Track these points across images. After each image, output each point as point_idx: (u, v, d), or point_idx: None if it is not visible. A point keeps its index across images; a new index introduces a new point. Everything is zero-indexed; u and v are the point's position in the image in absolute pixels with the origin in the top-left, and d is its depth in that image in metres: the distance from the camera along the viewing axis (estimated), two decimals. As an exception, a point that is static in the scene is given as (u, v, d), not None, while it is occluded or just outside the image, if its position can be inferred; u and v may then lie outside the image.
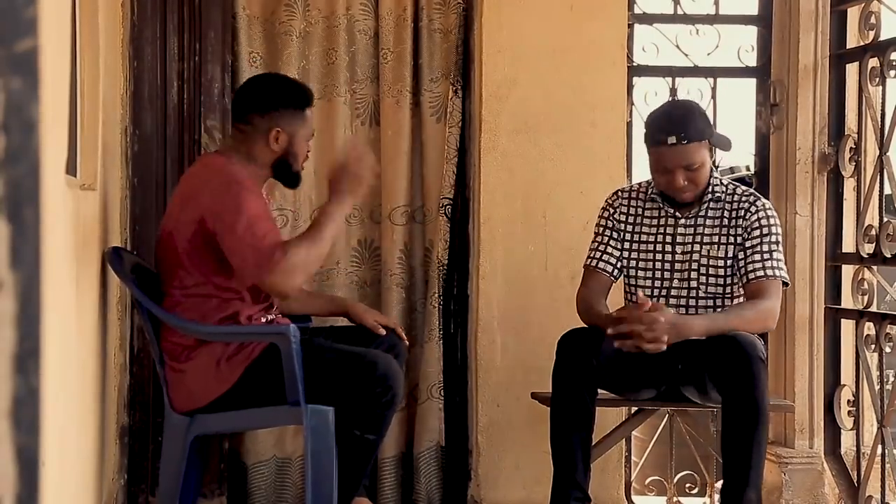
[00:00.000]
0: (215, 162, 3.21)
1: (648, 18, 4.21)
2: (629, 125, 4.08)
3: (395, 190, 3.99)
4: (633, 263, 3.46)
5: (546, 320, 3.84)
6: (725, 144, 3.50)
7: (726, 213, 3.40)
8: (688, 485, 4.18)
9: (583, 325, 3.37)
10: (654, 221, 3.47)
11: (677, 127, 3.29)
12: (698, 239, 3.41)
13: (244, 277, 3.06)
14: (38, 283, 1.02)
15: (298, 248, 3.00)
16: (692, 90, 4.19)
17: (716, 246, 3.39)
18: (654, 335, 3.08)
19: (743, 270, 3.34)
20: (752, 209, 3.37)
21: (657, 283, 3.43)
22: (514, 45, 3.94)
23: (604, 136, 3.96)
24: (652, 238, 3.46)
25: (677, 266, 3.42)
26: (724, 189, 3.43)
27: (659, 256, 3.44)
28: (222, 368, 3.08)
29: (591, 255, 3.49)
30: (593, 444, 3.35)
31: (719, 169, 4.30)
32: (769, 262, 3.32)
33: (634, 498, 4.13)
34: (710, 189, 3.41)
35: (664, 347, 3.11)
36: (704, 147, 3.32)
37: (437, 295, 3.99)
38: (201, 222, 3.05)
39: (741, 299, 3.37)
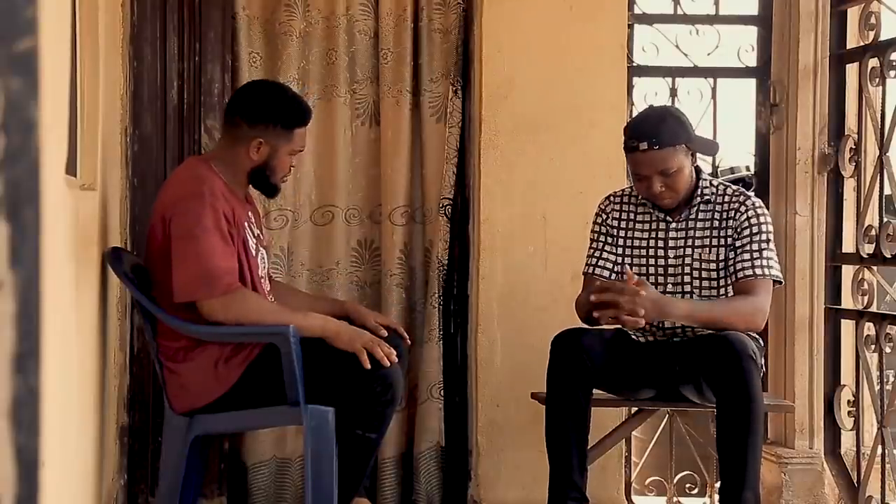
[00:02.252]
0: (194, 166, 3.22)
1: (648, 18, 4.21)
2: (629, 125, 4.08)
3: (395, 190, 3.99)
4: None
5: (546, 320, 3.84)
6: (708, 148, 3.47)
7: (717, 215, 3.39)
8: (688, 485, 4.18)
9: (576, 325, 3.37)
10: (647, 226, 3.46)
11: (649, 132, 3.27)
12: (690, 242, 3.40)
13: (181, 289, 3.02)
14: (38, 283, 1.02)
15: (243, 303, 3.03)
16: (692, 90, 4.19)
17: (707, 249, 3.38)
18: (633, 308, 3.07)
19: (732, 269, 3.34)
20: (742, 209, 3.35)
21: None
22: (514, 45, 3.94)
23: (604, 136, 3.96)
24: (644, 242, 3.45)
25: (671, 270, 3.41)
26: (713, 190, 3.41)
27: (652, 261, 3.44)
28: (220, 370, 3.07)
29: (588, 262, 3.49)
30: (593, 444, 3.35)
31: (719, 169, 4.31)
32: (758, 260, 3.31)
33: (634, 498, 4.13)
34: (699, 192, 3.39)
35: (642, 323, 3.10)
36: (680, 152, 3.29)
37: (437, 295, 3.99)
38: (164, 222, 3.07)
39: None
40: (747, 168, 4.48)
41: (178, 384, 3.11)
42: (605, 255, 3.47)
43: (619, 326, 3.25)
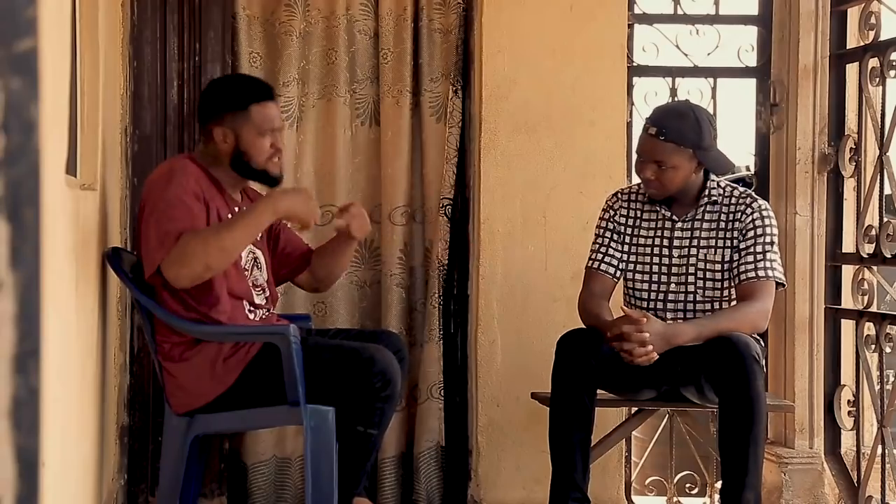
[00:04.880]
0: (174, 158, 3.26)
1: (648, 18, 4.21)
2: (629, 125, 4.08)
3: (395, 190, 3.99)
4: (631, 267, 3.46)
5: (546, 320, 3.85)
6: (718, 166, 3.36)
7: (723, 217, 3.39)
8: (688, 485, 4.18)
9: (577, 325, 3.37)
10: (652, 224, 3.46)
11: (663, 121, 3.29)
12: (695, 243, 3.40)
13: (145, 262, 3.00)
14: (38, 283, 1.02)
15: (193, 238, 2.93)
16: (692, 90, 4.19)
17: (712, 250, 3.38)
18: (643, 350, 3.10)
19: (736, 272, 3.34)
20: (748, 210, 3.35)
21: (654, 287, 3.43)
22: (514, 45, 3.94)
23: (604, 136, 3.96)
24: (649, 242, 3.45)
25: (674, 270, 3.42)
26: (720, 192, 3.41)
27: (656, 260, 3.44)
28: (219, 369, 3.07)
29: (593, 257, 3.49)
30: (593, 444, 3.35)
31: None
32: (762, 262, 3.31)
33: (634, 498, 4.13)
34: (706, 192, 3.40)
35: (655, 356, 3.13)
36: (683, 154, 3.28)
37: (437, 295, 3.99)
38: (142, 213, 3.08)
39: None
40: (747, 168, 4.49)
41: (177, 384, 3.11)
42: (610, 251, 3.47)
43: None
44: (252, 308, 3.20)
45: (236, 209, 3.21)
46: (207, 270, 2.97)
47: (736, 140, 4.77)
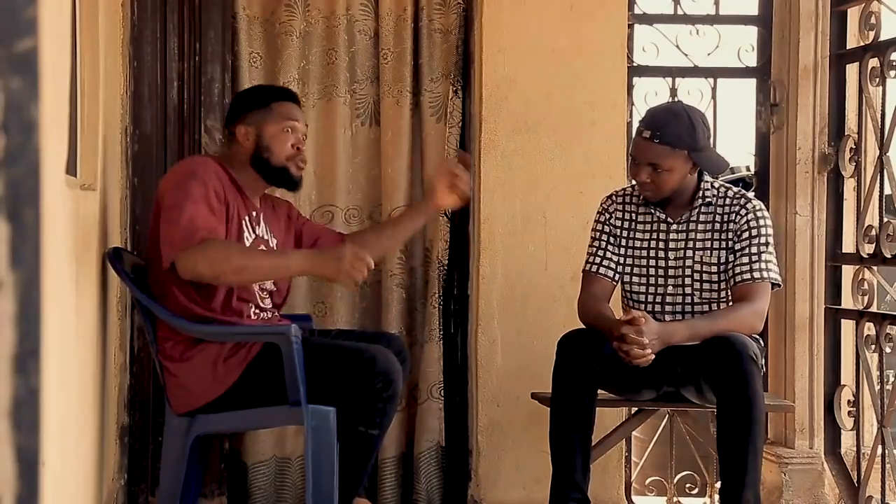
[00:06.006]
0: (196, 156, 3.31)
1: (648, 18, 4.21)
2: (629, 125, 4.08)
3: (395, 190, 3.99)
4: (628, 269, 3.46)
5: (546, 320, 3.85)
6: (712, 167, 3.36)
7: (718, 218, 3.38)
8: (688, 485, 4.18)
9: (577, 325, 3.37)
10: (647, 227, 3.46)
11: (657, 124, 3.29)
12: (690, 245, 3.40)
13: (164, 254, 3.02)
14: (38, 283, 1.02)
15: (221, 247, 2.97)
16: (692, 90, 4.19)
17: (708, 252, 3.38)
18: (641, 352, 3.11)
19: (731, 273, 3.34)
20: (742, 211, 3.35)
21: (651, 290, 3.43)
22: (514, 45, 3.94)
23: (604, 136, 3.96)
24: (645, 244, 3.45)
25: (671, 272, 3.42)
26: (714, 192, 3.41)
27: (653, 263, 3.44)
28: (219, 369, 3.07)
29: (591, 261, 3.48)
30: (593, 444, 3.35)
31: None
32: (757, 264, 3.31)
33: (635, 498, 4.13)
34: (700, 194, 3.40)
35: (652, 357, 3.13)
36: (679, 156, 3.28)
37: (437, 295, 3.99)
38: (159, 204, 3.09)
39: None
40: (747, 168, 4.49)
41: (178, 384, 3.11)
42: (608, 254, 3.47)
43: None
44: (257, 311, 3.21)
45: (254, 213, 3.24)
46: (216, 279, 3.02)
47: (736, 140, 4.77)
